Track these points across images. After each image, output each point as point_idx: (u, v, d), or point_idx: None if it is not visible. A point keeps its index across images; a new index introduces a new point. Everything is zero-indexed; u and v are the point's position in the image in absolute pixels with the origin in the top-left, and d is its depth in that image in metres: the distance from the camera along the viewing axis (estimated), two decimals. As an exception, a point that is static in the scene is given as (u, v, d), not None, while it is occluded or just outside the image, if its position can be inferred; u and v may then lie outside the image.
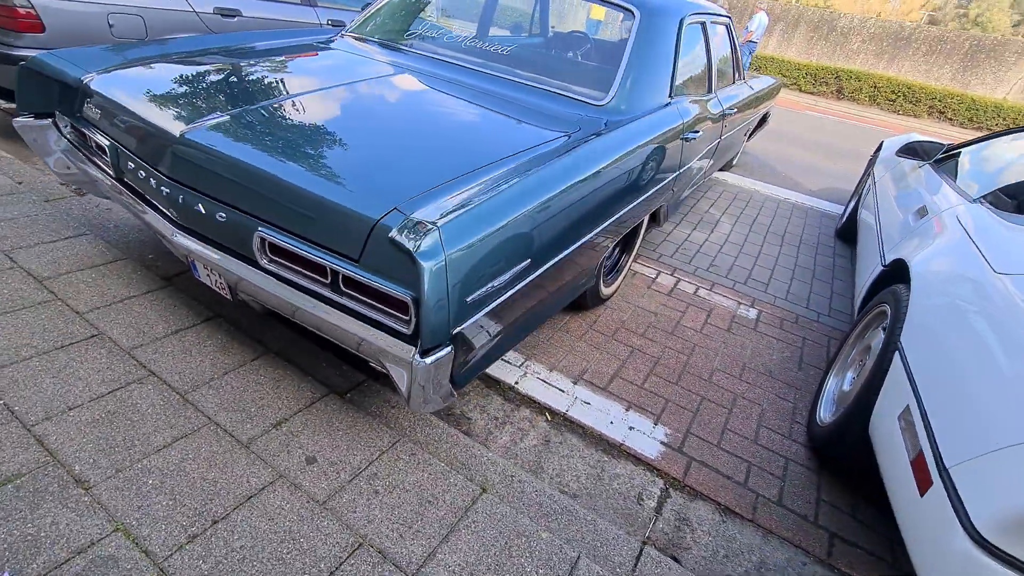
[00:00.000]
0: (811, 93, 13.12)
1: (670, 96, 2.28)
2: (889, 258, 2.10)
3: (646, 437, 1.81)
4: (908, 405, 1.35)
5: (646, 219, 2.51)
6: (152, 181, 1.56)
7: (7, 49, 2.74)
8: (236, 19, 3.56)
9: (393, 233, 1.09)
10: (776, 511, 1.64)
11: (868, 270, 2.35)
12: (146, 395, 1.53)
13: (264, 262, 1.37)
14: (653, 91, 2.17)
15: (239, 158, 1.37)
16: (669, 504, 1.61)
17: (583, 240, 1.64)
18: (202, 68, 1.94)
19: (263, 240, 1.34)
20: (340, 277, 1.26)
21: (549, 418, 1.84)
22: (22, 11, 2.74)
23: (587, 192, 1.58)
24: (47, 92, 1.90)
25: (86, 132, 1.79)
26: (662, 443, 1.80)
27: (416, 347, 1.13)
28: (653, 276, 2.85)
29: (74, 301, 1.85)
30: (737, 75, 3.57)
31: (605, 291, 2.40)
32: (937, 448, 1.18)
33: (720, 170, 4.84)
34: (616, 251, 2.55)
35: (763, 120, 5.01)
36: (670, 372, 2.14)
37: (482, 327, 1.27)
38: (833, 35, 14.51)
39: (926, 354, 1.41)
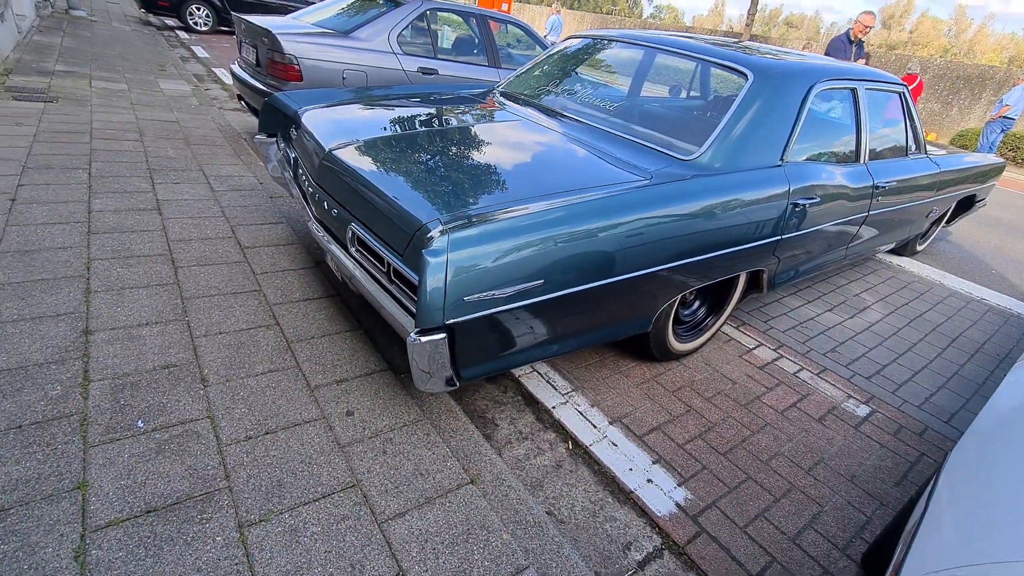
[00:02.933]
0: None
1: (782, 159, 2.20)
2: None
3: (662, 494, 1.74)
4: None
5: (740, 283, 2.40)
6: (307, 183, 2.13)
7: (280, 89, 3.88)
8: (433, 76, 4.41)
9: (419, 234, 1.37)
10: (785, 618, 1.43)
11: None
12: (266, 337, 2.05)
13: (352, 250, 1.79)
14: (757, 152, 2.13)
15: (354, 168, 1.82)
16: (657, 564, 1.53)
17: (620, 279, 1.71)
18: (372, 107, 2.55)
19: (352, 233, 1.76)
20: (389, 266, 1.59)
21: (570, 447, 1.89)
22: (294, 68, 3.86)
23: (628, 233, 1.67)
24: (276, 119, 2.70)
25: (287, 148, 2.51)
26: (677, 504, 1.71)
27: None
28: (751, 346, 2.65)
29: (256, 265, 2.54)
30: (915, 147, 3.15)
31: (677, 346, 2.34)
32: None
33: (892, 252, 4.18)
34: (697, 307, 2.47)
35: (969, 203, 4.20)
36: (722, 441, 2.00)
37: (485, 329, 1.46)
38: None
39: None
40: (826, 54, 5.61)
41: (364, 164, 1.86)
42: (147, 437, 1.53)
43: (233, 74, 4.48)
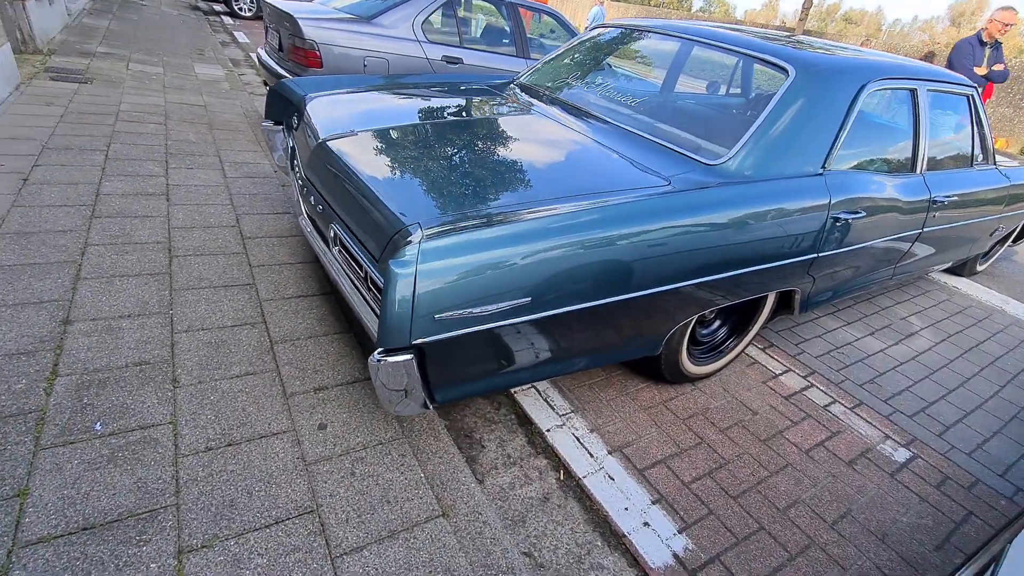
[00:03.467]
0: None
1: (824, 167, 1.94)
2: None
3: (659, 541, 1.55)
4: None
5: (768, 303, 2.16)
6: (299, 173, 2.01)
7: (300, 76, 3.80)
8: (457, 66, 4.25)
9: (396, 238, 1.22)
10: None
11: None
12: (250, 336, 1.95)
13: (334, 251, 1.65)
14: (795, 158, 1.88)
15: (342, 162, 1.69)
16: (645, 625, 1.35)
17: (622, 299, 1.52)
18: (380, 96, 2.41)
19: (334, 232, 1.62)
20: (366, 272, 1.44)
21: (561, 477, 1.72)
22: (314, 54, 3.77)
23: (634, 248, 1.47)
24: (282, 106, 2.60)
25: (289, 137, 2.40)
26: (675, 555, 1.51)
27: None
28: (777, 372, 2.40)
29: (253, 257, 2.45)
30: (981, 157, 2.80)
31: (693, 369, 2.12)
32: None
33: (947, 272, 3.79)
34: (718, 328, 2.25)
35: (1042, 222, 3.76)
36: (734, 482, 1.78)
37: (461, 349, 1.30)
38: None
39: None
40: (948, 63, 4.91)
41: (354, 158, 1.72)
42: (102, 442, 1.44)
43: (259, 59, 4.44)
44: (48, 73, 4.76)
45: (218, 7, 11.38)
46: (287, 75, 3.81)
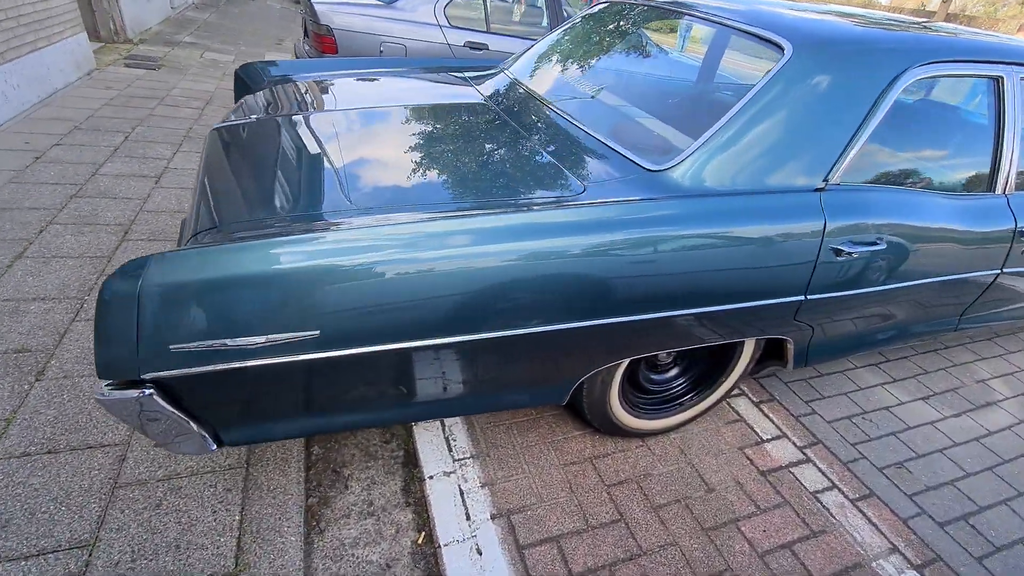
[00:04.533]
0: None
1: (825, 180, 1.44)
2: None
3: (503, 650, 1.21)
4: None
5: (746, 352, 1.68)
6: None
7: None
8: (482, 52, 3.97)
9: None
10: None
11: None
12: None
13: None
14: (779, 168, 1.40)
15: (205, 155, 1.51)
16: None
17: (480, 338, 1.18)
18: (332, 82, 2.22)
19: (181, 233, 1.45)
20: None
21: (420, 541, 1.42)
22: (329, 39, 3.69)
23: (493, 273, 1.13)
24: (247, 91, 2.50)
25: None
26: (514, 676, 1.17)
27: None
28: (765, 436, 1.88)
29: (204, 246, 2.39)
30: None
31: (633, 423, 1.71)
32: None
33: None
34: (679, 376, 1.79)
35: None
36: (640, 584, 1.37)
37: (233, 388, 1.06)
38: None
39: None
40: None
41: (218, 151, 1.53)
42: (-74, 433, 1.39)
43: (295, 49, 4.49)
44: (126, 60, 5.19)
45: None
46: (305, 61, 3.77)
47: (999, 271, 1.83)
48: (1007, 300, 2.03)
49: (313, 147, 1.54)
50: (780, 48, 1.47)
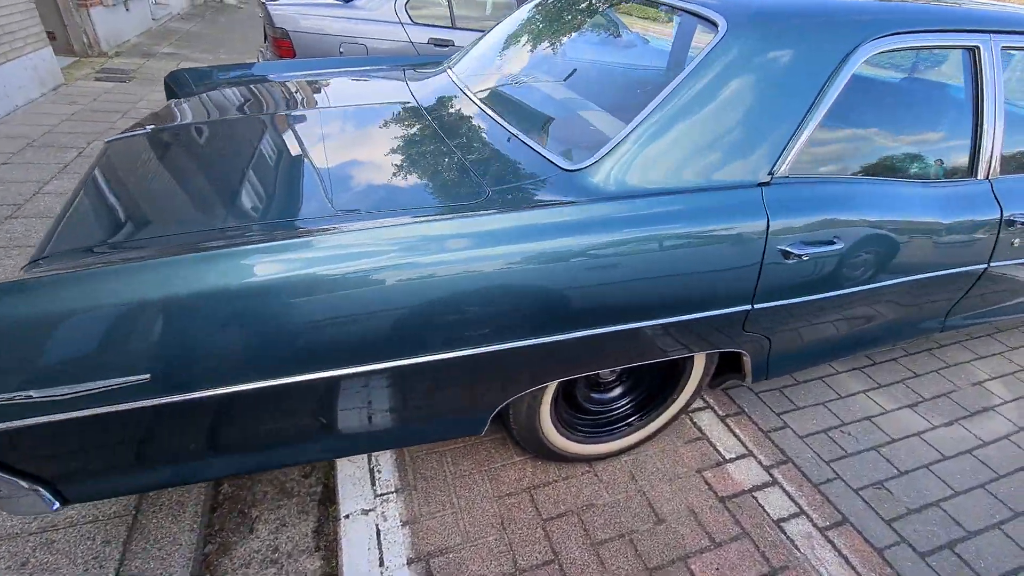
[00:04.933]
0: None
1: (771, 173, 1.26)
2: None
3: None
4: None
5: (697, 368, 1.50)
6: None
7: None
8: (448, 48, 3.81)
9: None
10: None
11: None
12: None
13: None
14: (713, 162, 1.23)
15: (93, 166, 1.37)
16: None
17: (330, 375, 1.03)
18: (255, 87, 2.08)
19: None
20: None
21: (324, 592, 1.28)
22: (286, 43, 3.57)
23: (359, 296, 0.98)
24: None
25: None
26: None
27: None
28: (729, 456, 1.71)
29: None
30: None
31: (571, 447, 1.54)
32: None
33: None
34: (624, 395, 1.63)
35: None
36: (567, 639, 1.21)
37: (54, 441, 0.92)
38: None
39: None
40: None
41: (105, 163, 1.40)
42: None
43: (260, 55, 4.37)
44: (97, 74, 5.12)
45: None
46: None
47: (986, 265, 1.64)
48: (1001, 296, 1.83)
49: (181, 164, 1.40)
50: (714, 24, 1.29)
